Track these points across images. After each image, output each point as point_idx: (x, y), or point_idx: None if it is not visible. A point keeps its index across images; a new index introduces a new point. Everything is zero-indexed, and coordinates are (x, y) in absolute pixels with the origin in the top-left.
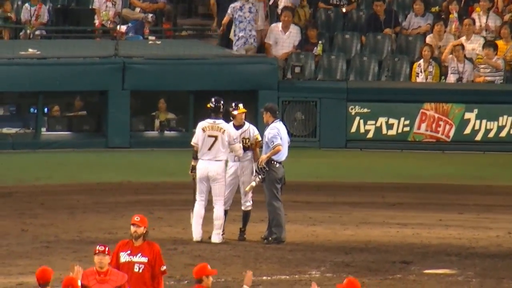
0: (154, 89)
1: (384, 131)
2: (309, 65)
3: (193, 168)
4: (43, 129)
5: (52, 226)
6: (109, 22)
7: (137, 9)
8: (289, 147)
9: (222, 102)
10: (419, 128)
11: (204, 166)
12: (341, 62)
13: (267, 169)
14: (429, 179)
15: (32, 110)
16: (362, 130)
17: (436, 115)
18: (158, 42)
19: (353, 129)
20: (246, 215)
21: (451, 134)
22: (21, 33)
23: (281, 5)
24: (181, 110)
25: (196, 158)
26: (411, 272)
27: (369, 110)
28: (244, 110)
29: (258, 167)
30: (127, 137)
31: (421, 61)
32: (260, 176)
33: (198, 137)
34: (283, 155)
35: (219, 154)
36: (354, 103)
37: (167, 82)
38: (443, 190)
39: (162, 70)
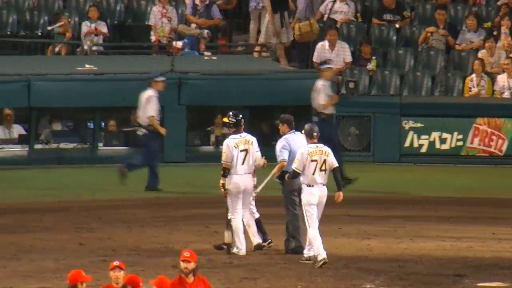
0: (209, 105)
1: (438, 145)
2: (363, 80)
3: (223, 186)
4: (100, 144)
5: (109, 240)
6: (165, 38)
7: (193, 25)
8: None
9: (241, 115)
10: (472, 142)
11: (241, 180)
12: (394, 78)
13: (281, 182)
14: (482, 193)
15: (89, 125)
16: (415, 144)
17: (489, 130)
18: (214, 58)
19: (407, 144)
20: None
21: (504, 148)
22: (78, 49)
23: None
24: None
25: (226, 176)
26: (464, 285)
27: (422, 125)
28: (227, 120)
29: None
30: (183, 152)
31: (473, 75)
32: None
33: (232, 154)
34: None
35: (250, 166)
36: (408, 118)
37: (222, 97)
38: (496, 204)
39: (217, 85)
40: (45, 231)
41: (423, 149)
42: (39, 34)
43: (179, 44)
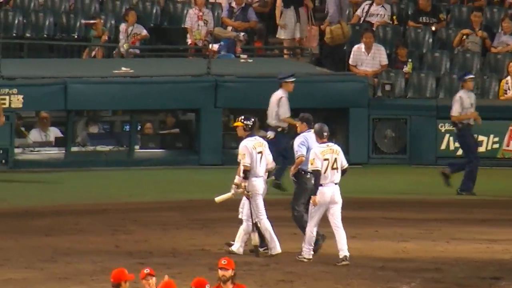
0: (245, 107)
1: None
2: (399, 83)
3: (245, 188)
4: (136, 147)
5: (145, 243)
6: (201, 41)
7: (229, 28)
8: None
9: (254, 118)
10: (508, 145)
11: (260, 183)
12: (430, 80)
13: (296, 180)
14: None
15: (125, 127)
16: (452, 147)
17: None
18: (250, 60)
19: (443, 146)
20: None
21: None
22: (114, 52)
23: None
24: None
25: (247, 178)
26: None
27: None
28: (240, 123)
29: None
30: (219, 155)
31: (508, 77)
32: (233, 191)
33: (251, 156)
34: None
35: (264, 168)
36: (444, 121)
37: (258, 100)
38: None
39: (253, 88)
40: (81, 234)
41: (459, 152)
42: (76, 37)
43: (215, 46)
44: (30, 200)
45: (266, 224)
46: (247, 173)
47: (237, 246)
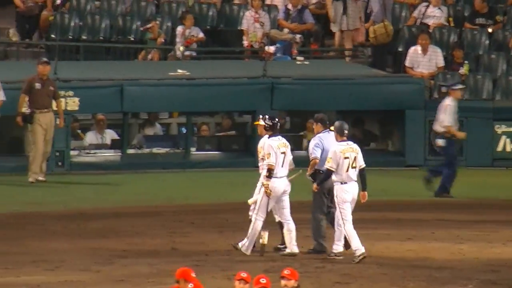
0: (301, 109)
1: None
2: None
3: (267, 186)
4: (193, 149)
5: (202, 245)
6: (257, 43)
7: (285, 30)
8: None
9: (277, 119)
10: None
11: (282, 183)
12: (487, 82)
13: (313, 180)
14: None
15: (181, 130)
16: (508, 149)
17: None
18: (306, 63)
19: (499, 148)
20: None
21: None
22: (169, 54)
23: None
24: None
25: (271, 177)
26: None
27: None
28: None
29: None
30: None
31: None
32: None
33: (276, 156)
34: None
35: (287, 168)
36: (500, 122)
37: (314, 102)
38: None
39: (309, 90)
40: (138, 236)
41: None
42: (132, 39)
43: (271, 48)
44: (86, 202)
45: (259, 227)
46: (271, 172)
47: (291, 247)
